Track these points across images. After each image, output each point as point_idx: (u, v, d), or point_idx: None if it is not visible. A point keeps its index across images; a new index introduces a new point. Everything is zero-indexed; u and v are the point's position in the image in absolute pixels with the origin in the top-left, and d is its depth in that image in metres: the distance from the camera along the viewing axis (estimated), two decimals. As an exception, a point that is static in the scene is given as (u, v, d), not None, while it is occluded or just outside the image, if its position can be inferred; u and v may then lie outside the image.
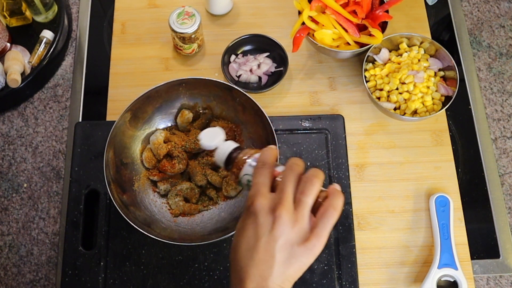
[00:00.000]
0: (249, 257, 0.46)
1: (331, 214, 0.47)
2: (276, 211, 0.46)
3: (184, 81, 0.82)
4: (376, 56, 0.89)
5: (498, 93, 0.98)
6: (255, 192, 0.48)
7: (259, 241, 0.46)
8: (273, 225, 0.46)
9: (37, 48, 0.96)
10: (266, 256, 0.46)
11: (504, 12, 1.05)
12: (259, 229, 0.46)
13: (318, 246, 0.47)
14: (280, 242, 0.46)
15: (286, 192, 0.48)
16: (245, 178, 0.55)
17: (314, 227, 0.47)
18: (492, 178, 0.90)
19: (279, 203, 0.47)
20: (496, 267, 0.83)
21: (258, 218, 0.47)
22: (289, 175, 0.49)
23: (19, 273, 0.85)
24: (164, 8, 1.02)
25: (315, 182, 0.48)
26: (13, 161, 0.92)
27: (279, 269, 0.46)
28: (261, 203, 0.47)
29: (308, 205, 0.48)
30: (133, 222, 0.72)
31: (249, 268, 0.46)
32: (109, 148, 0.77)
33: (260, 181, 0.49)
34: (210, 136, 0.62)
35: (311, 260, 0.47)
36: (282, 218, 0.46)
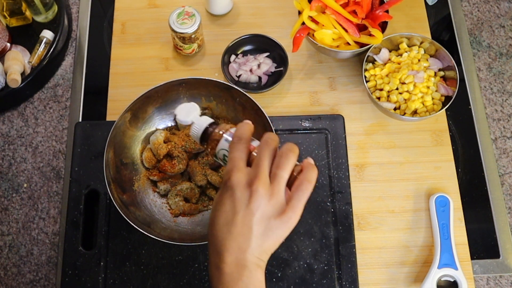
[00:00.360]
0: (227, 230, 0.47)
1: (306, 187, 0.48)
2: (253, 185, 0.47)
3: (184, 81, 0.82)
4: (376, 56, 0.89)
5: (498, 93, 0.98)
6: (231, 167, 0.49)
7: (236, 215, 0.47)
8: (250, 199, 0.47)
9: (37, 48, 0.96)
10: (243, 229, 0.47)
11: (504, 12, 1.05)
12: (236, 203, 0.47)
13: (294, 218, 0.48)
14: (257, 216, 0.47)
15: (262, 166, 0.48)
16: (221, 153, 0.56)
17: (289, 200, 0.48)
18: (492, 178, 0.90)
19: (256, 177, 0.47)
20: (496, 267, 0.83)
21: (235, 193, 0.47)
22: (265, 149, 0.50)
23: (19, 273, 0.85)
24: (164, 8, 1.02)
25: (290, 156, 0.49)
26: (13, 161, 0.92)
27: (256, 242, 0.47)
28: (238, 177, 0.48)
29: (284, 179, 0.48)
30: (133, 222, 0.72)
31: (227, 241, 0.47)
32: (109, 148, 0.77)
33: (236, 156, 0.50)
34: (185, 111, 0.61)
35: (287, 232, 0.48)
36: (258, 192, 0.47)
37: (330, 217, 0.82)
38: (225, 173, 0.49)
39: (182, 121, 0.61)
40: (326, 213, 0.82)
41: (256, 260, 0.48)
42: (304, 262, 0.79)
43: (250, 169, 0.49)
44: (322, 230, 0.81)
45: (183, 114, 0.61)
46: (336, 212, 0.82)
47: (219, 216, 0.48)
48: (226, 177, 0.49)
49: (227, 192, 0.48)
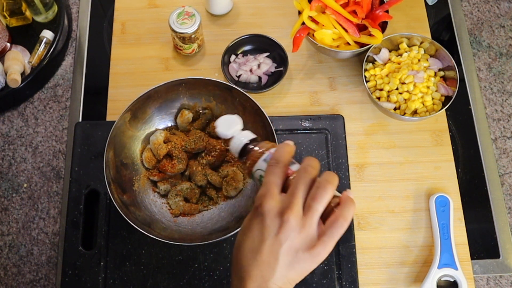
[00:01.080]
0: (252, 257, 0.46)
1: (341, 224, 0.46)
2: (284, 215, 0.46)
3: (184, 81, 0.82)
4: (376, 56, 0.89)
5: (498, 93, 0.98)
6: (265, 192, 0.47)
7: (263, 243, 0.46)
8: (279, 228, 0.46)
9: (37, 48, 0.96)
10: (269, 258, 0.46)
11: (504, 12, 1.05)
12: (265, 231, 0.46)
13: (323, 254, 0.47)
14: (285, 246, 0.46)
15: (296, 196, 0.47)
16: (258, 173, 0.53)
17: (321, 235, 0.47)
18: (492, 178, 0.90)
19: (288, 207, 0.46)
20: (496, 267, 0.83)
21: (265, 220, 0.46)
22: (302, 177, 0.48)
23: (19, 273, 0.85)
24: (164, 8, 1.02)
25: (328, 188, 0.47)
26: (13, 161, 0.92)
27: (281, 272, 0.46)
28: (270, 205, 0.46)
29: (318, 212, 0.47)
30: (133, 222, 0.72)
31: (251, 268, 0.46)
32: (109, 148, 0.77)
33: (271, 181, 0.48)
34: (227, 124, 0.59)
35: (314, 266, 0.47)
36: (289, 222, 0.46)
37: (330, 217, 0.82)
38: (258, 197, 0.48)
39: (222, 135, 0.59)
40: (326, 213, 0.82)
41: (274, 286, 0.46)
42: (304, 262, 0.79)
43: (284, 197, 0.47)
44: (322, 230, 0.81)
45: (224, 127, 0.59)
46: (336, 212, 0.82)
47: (246, 241, 0.47)
48: (258, 202, 0.47)
49: (257, 218, 0.47)
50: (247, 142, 0.57)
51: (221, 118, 0.61)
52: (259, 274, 0.46)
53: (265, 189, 0.48)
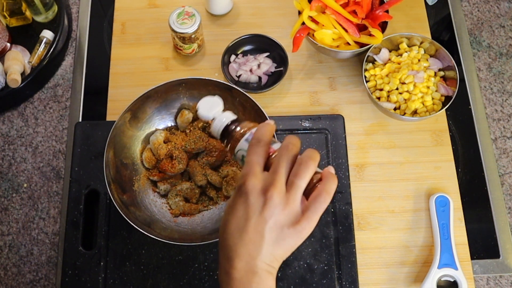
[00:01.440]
0: (238, 236, 0.46)
1: (324, 198, 0.47)
2: (268, 192, 0.46)
3: (184, 81, 0.82)
4: (376, 56, 0.89)
5: (498, 93, 0.98)
6: (247, 171, 0.47)
7: (249, 221, 0.46)
8: (263, 206, 0.46)
9: (37, 48, 0.96)
10: (255, 236, 0.46)
11: (504, 12, 1.05)
12: (249, 209, 0.46)
13: (308, 229, 0.47)
14: (270, 223, 0.46)
15: (279, 173, 0.47)
16: (240, 154, 0.53)
17: (305, 210, 0.47)
18: (492, 178, 0.90)
19: (271, 184, 0.46)
20: (496, 267, 0.83)
21: (249, 198, 0.46)
22: (284, 155, 0.48)
23: (19, 273, 0.85)
24: (164, 8, 1.02)
25: (310, 164, 0.47)
26: (13, 161, 0.92)
27: (268, 249, 0.46)
28: (253, 183, 0.47)
29: (301, 188, 0.47)
30: (133, 222, 0.72)
31: (238, 247, 0.46)
32: (109, 148, 0.77)
33: (253, 160, 0.48)
34: (208, 106, 0.58)
35: (300, 242, 0.47)
36: (273, 199, 0.46)
37: (330, 217, 0.82)
38: (240, 176, 0.48)
39: (204, 116, 0.58)
40: (326, 213, 0.82)
41: (266, 267, 0.47)
42: (304, 262, 0.80)
43: (266, 175, 0.48)
44: (322, 230, 0.81)
45: (205, 109, 0.58)
46: (336, 212, 0.82)
47: (231, 221, 0.47)
48: (241, 181, 0.47)
49: (241, 197, 0.47)
50: (229, 123, 0.56)
51: (202, 100, 0.59)
52: (246, 253, 0.46)
53: (247, 168, 0.48)
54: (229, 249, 0.47)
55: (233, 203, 0.48)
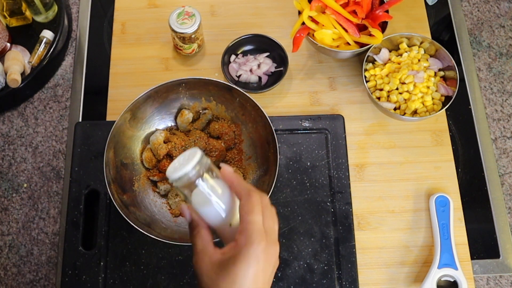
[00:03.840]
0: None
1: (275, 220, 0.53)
2: (272, 248, 0.50)
3: (184, 81, 0.82)
4: (376, 56, 0.89)
5: (498, 93, 0.98)
6: (261, 237, 0.49)
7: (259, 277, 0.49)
8: (270, 264, 0.50)
9: (37, 48, 0.96)
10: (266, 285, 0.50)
11: (504, 12, 1.05)
12: (260, 268, 0.48)
13: None
14: (268, 271, 0.50)
15: (274, 231, 0.52)
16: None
17: None
18: (492, 178, 0.90)
19: (275, 243, 0.51)
20: (496, 267, 0.83)
21: (261, 259, 0.49)
22: (270, 210, 0.52)
23: (19, 273, 0.85)
24: (164, 8, 1.02)
25: (274, 210, 0.53)
26: (13, 161, 0.92)
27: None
28: (266, 247, 0.49)
29: None
30: (133, 222, 0.72)
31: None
32: (109, 148, 0.77)
33: (259, 222, 0.50)
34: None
35: None
36: (276, 252, 0.51)
37: (330, 217, 0.82)
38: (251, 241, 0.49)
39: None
40: (326, 213, 0.82)
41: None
42: (304, 262, 0.80)
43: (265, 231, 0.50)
44: (322, 230, 0.81)
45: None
46: (336, 212, 0.82)
47: (243, 282, 0.48)
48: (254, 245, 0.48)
49: (254, 259, 0.48)
50: None
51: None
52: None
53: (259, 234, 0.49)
54: None
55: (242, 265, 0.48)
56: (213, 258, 0.50)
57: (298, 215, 0.82)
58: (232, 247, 0.49)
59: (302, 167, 0.85)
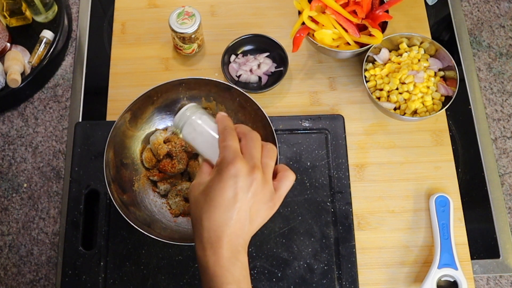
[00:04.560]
0: (227, 217, 0.49)
1: (289, 178, 0.53)
2: (253, 174, 0.50)
3: (184, 81, 0.82)
4: (376, 56, 0.89)
5: (498, 93, 0.98)
6: (233, 156, 0.50)
7: (237, 203, 0.49)
8: (249, 186, 0.50)
9: (37, 48, 0.96)
10: (241, 216, 0.50)
11: (504, 12, 1.05)
12: (238, 191, 0.49)
13: (277, 205, 0.52)
14: (254, 203, 0.50)
15: (257, 156, 0.52)
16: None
17: (277, 188, 0.52)
18: (492, 178, 0.90)
19: (255, 167, 0.50)
20: (496, 267, 0.83)
21: (238, 181, 0.49)
22: (255, 140, 0.53)
23: (19, 273, 0.85)
24: (164, 8, 1.02)
25: (274, 148, 0.54)
26: (13, 161, 0.92)
27: (249, 227, 0.50)
28: (241, 166, 0.50)
29: (272, 168, 0.53)
30: (133, 222, 0.72)
31: (226, 227, 0.49)
32: (109, 148, 0.77)
33: (233, 145, 0.52)
34: None
35: (269, 217, 0.53)
36: (257, 180, 0.50)
37: (330, 217, 0.82)
38: (225, 161, 0.50)
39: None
40: (326, 213, 0.82)
41: (244, 243, 0.51)
42: (304, 262, 0.80)
43: (247, 158, 0.52)
44: (322, 230, 0.81)
45: None
46: (336, 212, 0.82)
47: (219, 203, 0.50)
48: (229, 165, 0.50)
49: (229, 180, 0.50)
50: None
51: None
52: (233, 232, 0.49)
53: (232, 153, 0.51)
54: (217, 230, 0.49)
55: (221, 185, 0.50)
56: (202, 181, 0.52)
57: (298, 215, 0.82)
58: (213, 170, 0.52)
59: (302, 167, 0.85)
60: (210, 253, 0.50)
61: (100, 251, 0.80)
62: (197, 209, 0.51)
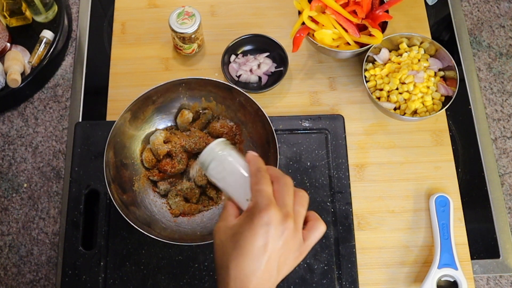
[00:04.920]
0: (257, 267, 0.47)
1: (320, 229, 0.51)
2: (286, 223, 0.48)
3: (184, 81, 0.82)
4: (376, 56, 0.89)
5: (498, 93, 0.98)
6: (267, 203, 0.48)
7: (267, 252, 0.47)
8: (281, 236, 0.48)
9: (37, 48, 0.96)
10: (271, 265, 0.48)
11: (504, 12, 1.05)
12: (270, 239, 0.47)
13: (304, 255, 0.50)
14: (282, 252, 0.48)
15: (290, 204, 0.50)
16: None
17: (306, 238, 0.50)
18: (492, 178, 0.90)
19: (288, 215, 0.48)
20: (496, 267, 0.83)
21: (270, 229, 0.47)
22: (288, 186, 0.51)
23: (19, 273, 0.85)
24: (164, 8, 1.02)
25: (305, 194, 0.52)
26: (13, 161, 0.92)
27: (276, 277, 0.49)
28: (275, 214, 0.48)
29: (303, 217, 0.51)
30: (133, 222, 0.72)
31: (253, 277, 0.47)
32: (109, 148, 0.77)
33: (267, 190, 0.50)
34: None
35: (295, 267, 0.51)
36: (289, 230, 0.48)
37: (330, 217, 0.82)
38: (258, 207, 0.48)
39: None
40: (326, 213, 0.82)
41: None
42: (304, 262, 0.79)
43: (280, 205, 0.50)
44: (322, 230, 0.81)
45: None
46: (336, 212, 0.82)
47: (249, 251, 0.47)
48: (262, 212, 0.48)
49: (262, 228, 0.47)
50: None
51: None
52: (260, 282, 0.47)
53: (265, 199, 0.49)
54: (242, 280, 0.47)
55: (249, 233, 0.48)
56: (228, 225, 0.50)
57: (298, 215, 0.82)
58: (243, 215, 0.50)
59: (302, 167, 0.85)
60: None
61: (100, 251, 0.80)
62: (224, 255, 0.49)
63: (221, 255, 0.49)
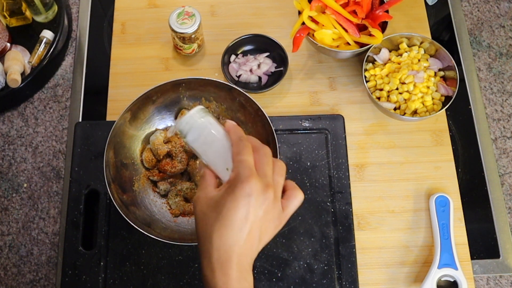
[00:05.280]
0: (239, 237, 0.48)
1: (298, 198, 0.52)
2: (266, 193, 0.48)
3: (184, 81, 0.82)
4: (376, 56, 0.89)
5: (498, 93, 0.98)
6: (249, 173, 0.49)
7: (249, 222, 0.48)
8: (262, 205, 0.48)
9: (37, 48, 0.96)
10: (253, 235, 0.48)
11: (504, 12, 1.05)
12: (251, 209, 0.48)
13: (283, 223, 0.51)
14: (265, 222, 0.49)
15: (269, 174, 0.50)
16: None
17: (285, 207, 0.51)
18: (492, 178, 0.90)
19: (269, 185, 0.49)
20: (496, 267, 0.83)
21: (252, 199, 0.48)
22: (268, 156, 0.51)
23: (19, 273, 0.85)
24: (164, 8, 1.02)
25: (284, 166, 0.53)
26: (13, 161, 0.92)
27: (257, 246, 0.49)
28: (257, 185, 0.48)
29: (282, 186, 0.51)
30: (133, 222, 0.72)
31: (236, 247, 0.48)
32: (109, 148, 0.77)
33: (248, 160, 0.50)
34: None
35: (274, 235, 0.51)
36: (269, 199, 0.49)
37: (330, 217, 0.82)
38: (240, 178, 0.48)
39: None
40: (326, 213, 0.82)
41: (251, 261, 0.50)
42: (304, 262, 0.80)
43: (261, 176, 0.50)
44: (322, 230, 0.81)
45: None
46: (336, 212, 0.82)
47: (232, 222, 0.48)
48: (244, 183, 0.48)
49: (244, 198, 0.48)
50: None
51: None
52: (244, 252, 0.48)
53: (247, 170, 0.49)
54: (225, 250, 0.48)
55: (232, 204, 0.48)
56: (209, 195, 0.50)
57: (298, 215, 0.82)
58: (225, 185, 0.50)
59: (302, 167, 0.85)
60: (220, 274, 0.48)
61: (100, 251, 0.80)
62: (207, 226, 0.49)
63: (204, 226, 0.50)
